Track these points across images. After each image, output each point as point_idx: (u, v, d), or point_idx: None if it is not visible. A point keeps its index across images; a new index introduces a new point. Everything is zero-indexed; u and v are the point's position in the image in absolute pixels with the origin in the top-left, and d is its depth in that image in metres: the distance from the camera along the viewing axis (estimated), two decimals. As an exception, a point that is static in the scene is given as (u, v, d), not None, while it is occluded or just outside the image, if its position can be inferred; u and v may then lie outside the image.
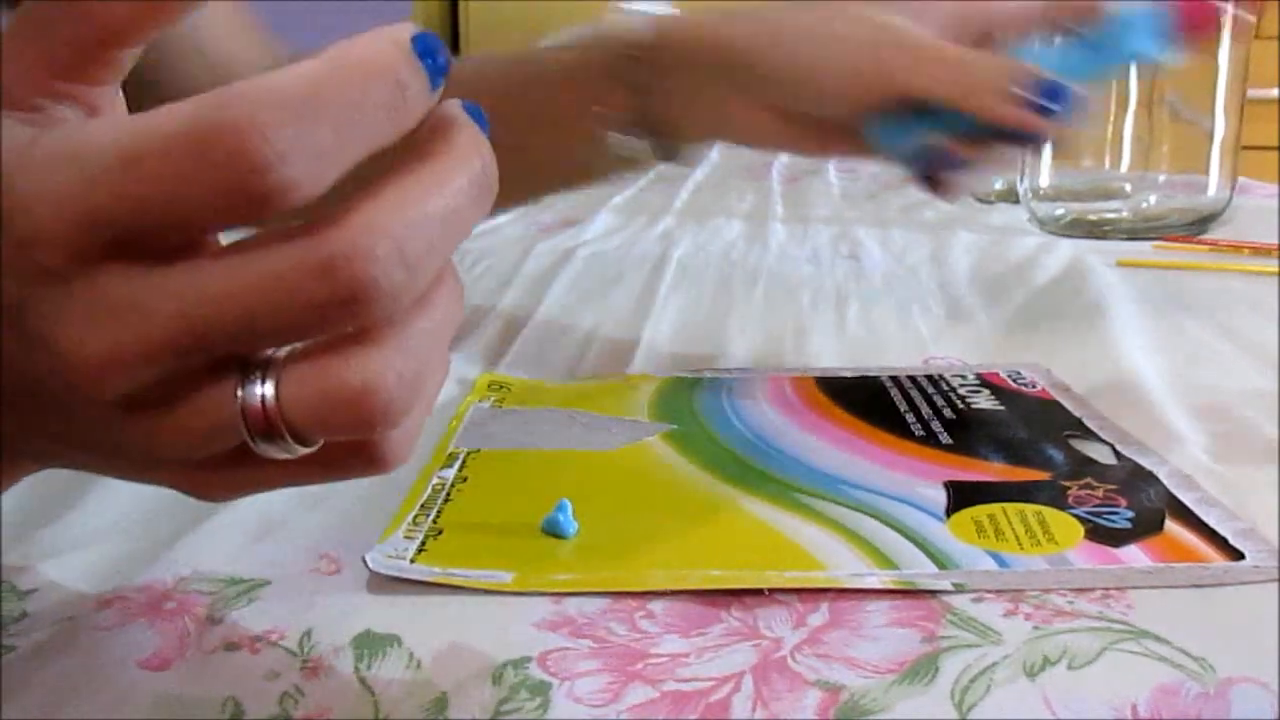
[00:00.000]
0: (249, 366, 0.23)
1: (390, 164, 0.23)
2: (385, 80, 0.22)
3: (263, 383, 0.23)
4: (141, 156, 0.21)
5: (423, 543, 0.33)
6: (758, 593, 0.31)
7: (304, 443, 0.23)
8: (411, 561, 0.32)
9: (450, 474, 0.39)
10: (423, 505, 0.36)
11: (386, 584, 0.32)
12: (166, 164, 0.21)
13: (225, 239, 0.23)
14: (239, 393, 0.23)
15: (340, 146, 0.21)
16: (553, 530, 0.34)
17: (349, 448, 0.25)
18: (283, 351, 0.23)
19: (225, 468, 0.25)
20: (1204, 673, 0.27)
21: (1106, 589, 0.31)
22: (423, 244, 0.22)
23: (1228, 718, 0.26)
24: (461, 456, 0.40)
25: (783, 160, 1.26)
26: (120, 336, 0.22)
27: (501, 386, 0.48)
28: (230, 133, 0.20)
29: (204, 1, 0.24)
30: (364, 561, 0.32)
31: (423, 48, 0.23)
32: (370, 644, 0.29)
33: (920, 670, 0.27)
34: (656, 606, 0.30)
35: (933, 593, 0.31)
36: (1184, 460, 0.39)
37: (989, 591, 0.31)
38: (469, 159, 0.24)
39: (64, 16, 0.24)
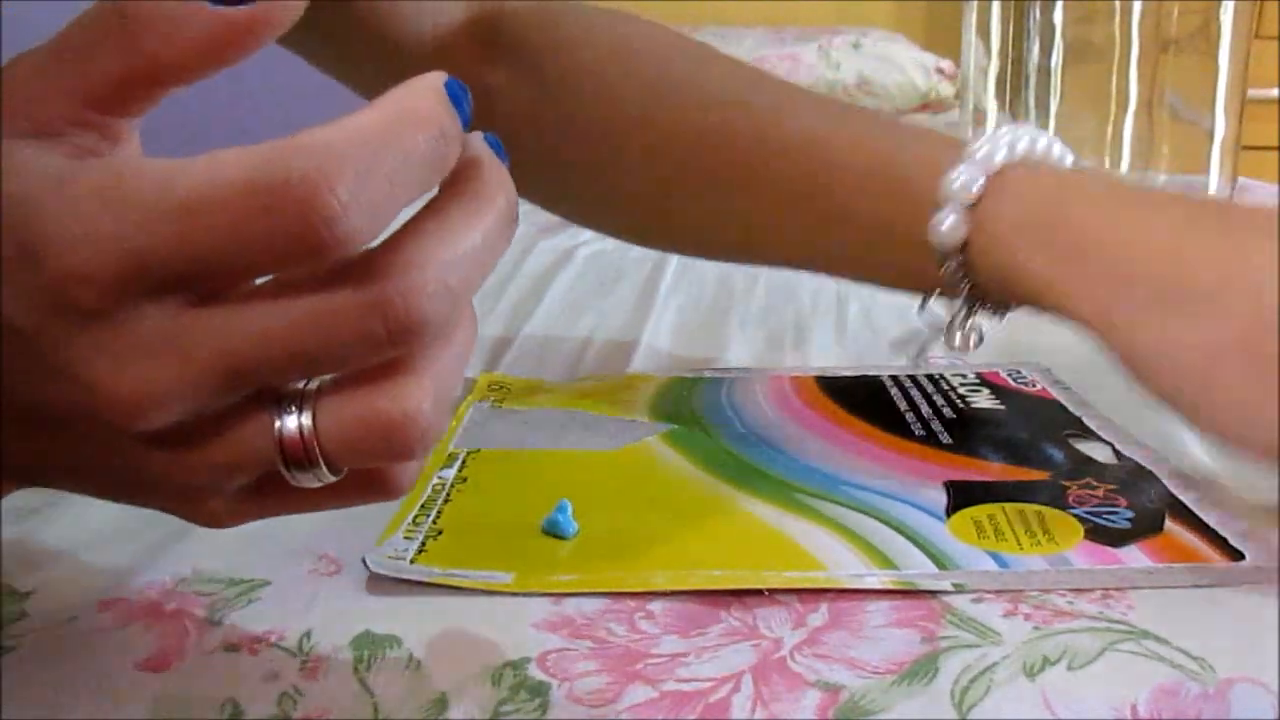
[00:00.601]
0: (282, 397, 0.24)
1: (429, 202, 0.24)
2: (431, 131, 0.23)
3: (300, 413, 0.23)
4: (205, 204, 0.21)
5: (422, 543, 0.33)
6: (757, 593, 0.31)
7: (336, 471, 0.24)
8: (411, 562, 0.32)
9: (450, 474, 0.39)
10: (422, 506, 0.36)
11: (386, 585, 0.32)
12: (232, 213, 0.21)
13: None
14: (276, 424, 0.23)
15: (394, 196, 0.22)
16: (553, 531, 0.34)
17: (362, 475, 0.26)
18: (314, 382, 0.24)
19: (234, 497, 0.25)
20: (1204, 673, 0.27)
21: (1106, 589, 0.31)
22: (463, 278, 0.23)
23: (1227, 718, 0.26)
24: (461, 457, 0.40)
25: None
26: (159, 374, 0.22)
27: (501, 386, 0.48)
28: (299, 184, 0.21)
29: (266, 43, 0.25)
30: (364, 562, 0.32)
31: (452, 94, 0.24)
32: (370, 645, 0.29)
33: (920, 670, 0.27)
34: (656, 607, 0.30)
35: (933, 593, 0.31)
36: (1184, 460, 0.39)
37: (989, 592, 0.31)
38: (496, 195, 0.25)
39: (113, 46, 0.24)
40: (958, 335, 0.40)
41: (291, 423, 0.23)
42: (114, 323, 0.22)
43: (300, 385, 0.24)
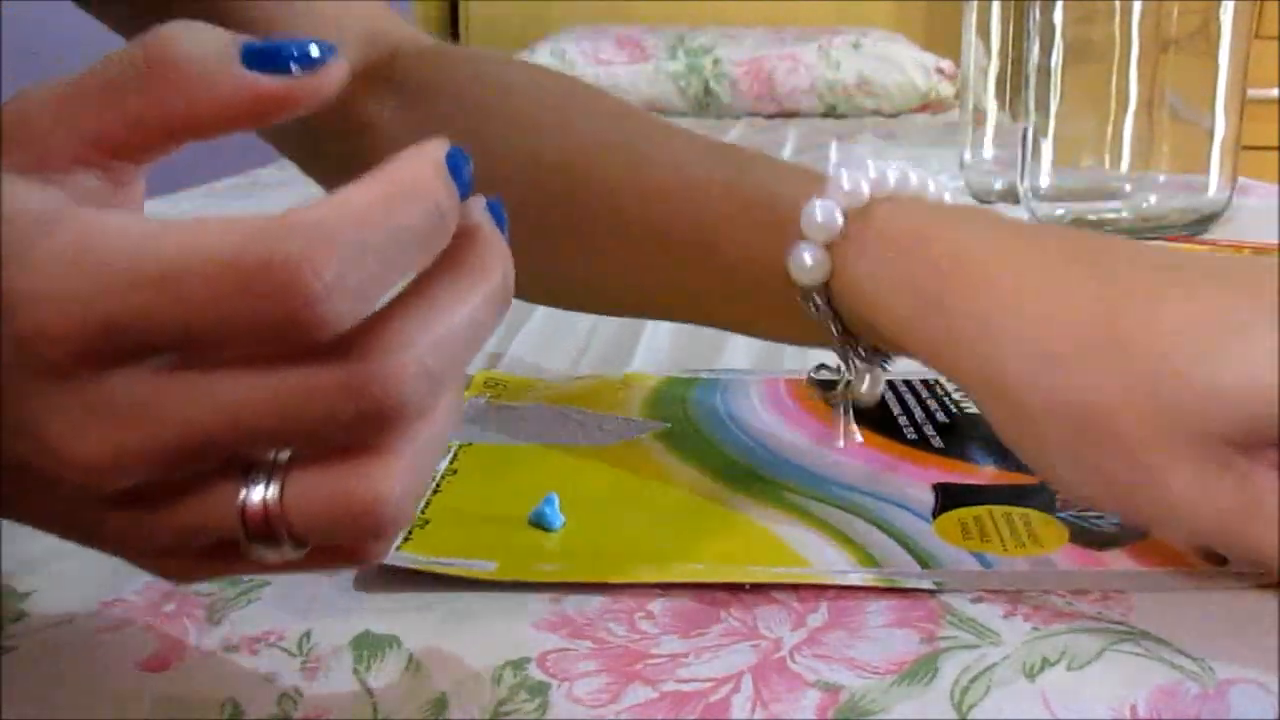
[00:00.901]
0: (251, 468, 0.23)
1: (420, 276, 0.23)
2: (427, 208, 0.22)
3: (267, 486, 0.22)
4: (182, 275, 0.20)
5: (409, 532, 0.34)
6: (756, 592, 0.31)
7: (299, 546, 0.23)
8: (397, 550, 0.32)
9: (441, 466, 0.39)
10: None
11: (385, 584, 0.32)
12: (211, 289, 0.20)
13: None
14: (241, 495, 0.22)
15: (382, 277, 0.21)
16: (539, 522, 0.34)
17: (332, 547, 0.25)
18: (285, 453, 0.23)
19: (196, 556, 0.24)
20: (1203, 673, 0.27)
21: (1103, 592, 0.31)
22: (447, 360, 0.22)
23: (1227, 718, 0.26)
24: (453, 449, 0.40)
25: (785, 154, 1.26)
26: (121, 440, 0.21)
27: (497, 383, 0.48)
28: (282, 267, 0.20)
29: (293, 116, 0.24)
30: None
31: (452, 164, 0.23)
32: (369, 645, 0.29)
33: (920, 671, 0.27)
34: (655, 607, 0.30)
35: (915, 591, 0.31)
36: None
37: (973, 591, 0.31)
38: (491, 271, 0.24)
39: (135, 93, 0.24)
40: (839, 392, 0.37)
41: (256, 495, 0.22)
42: (79, 384, 0.21)
43: (271, 456, 0.23)
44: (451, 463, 0.39)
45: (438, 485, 0.37)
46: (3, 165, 0.24)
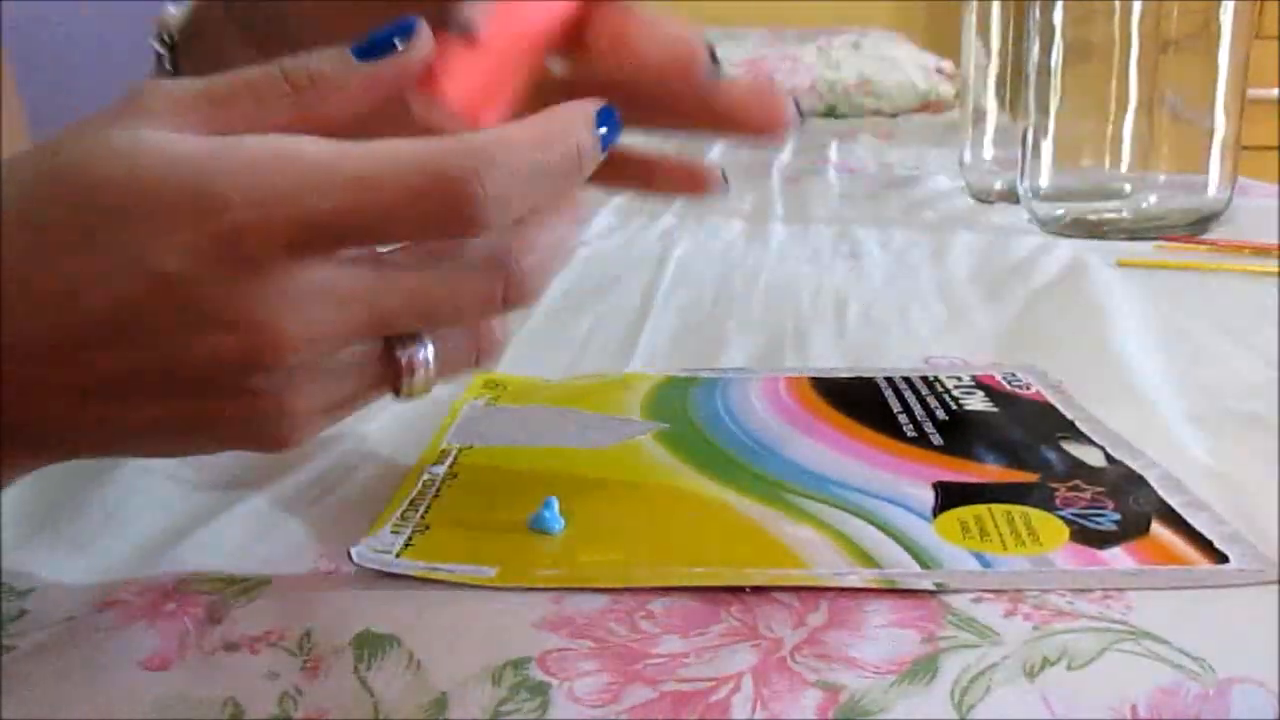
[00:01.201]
0: (406, 337, 0.29)
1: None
2: (569, 151, 0.28)
3: (423, 351, 0.29)
4: (376, 178, 0.26)
5: (409, 538, 0.34)
6: (757, 592, 0.31)
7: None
8: (397, 556, 0.32)
9: (441, 470, 0.39)
10: (412, 501, 0.36)
11: (386, 584, 0.32)
12: (398, 190, 0.26)
13: None
14: (403, 356, 0.29)
15: (526, 197, 0.27)
16: (539, 527, 0.34)
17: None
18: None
19: (326, 412, 0.29)
20: (1204, 673, 0.27)
21: (1105, 590, 0.31)
22: (548, 259, 0.30)
23: (1227, 718, 0.26)
24: (453, 453, 0.40)
25: (783, 160, 1.26)
26: (321, 318, 0.26)
27: (497, 385, 0.48)
28: (456, 176, 0.26)
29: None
30: (349, 555, 0.32)
31: (603, 120, 0.29)
32: (370, 644, 0.29)
33: (920, 670, 0.27)
34: (656, 606, 0.30)
35: (915, 591, 0.31)
36: (1183, 461, 0.39)
37: (971, 591, 0.31)
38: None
39: (281, 98, 0.28)
40: None
41: (418, 355, 0.29)
42: (282, 272, 0.25)
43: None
44: (452, 466, 0.39)
45: (439, 490, 0.37)
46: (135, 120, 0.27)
